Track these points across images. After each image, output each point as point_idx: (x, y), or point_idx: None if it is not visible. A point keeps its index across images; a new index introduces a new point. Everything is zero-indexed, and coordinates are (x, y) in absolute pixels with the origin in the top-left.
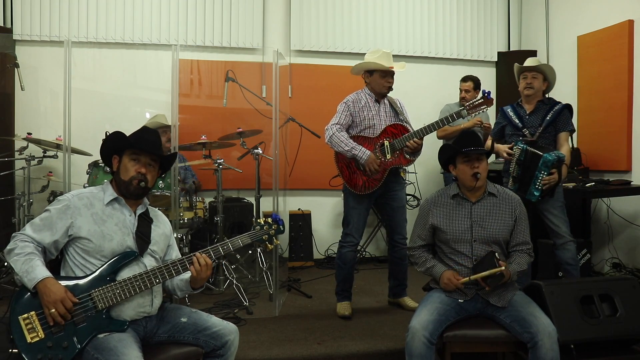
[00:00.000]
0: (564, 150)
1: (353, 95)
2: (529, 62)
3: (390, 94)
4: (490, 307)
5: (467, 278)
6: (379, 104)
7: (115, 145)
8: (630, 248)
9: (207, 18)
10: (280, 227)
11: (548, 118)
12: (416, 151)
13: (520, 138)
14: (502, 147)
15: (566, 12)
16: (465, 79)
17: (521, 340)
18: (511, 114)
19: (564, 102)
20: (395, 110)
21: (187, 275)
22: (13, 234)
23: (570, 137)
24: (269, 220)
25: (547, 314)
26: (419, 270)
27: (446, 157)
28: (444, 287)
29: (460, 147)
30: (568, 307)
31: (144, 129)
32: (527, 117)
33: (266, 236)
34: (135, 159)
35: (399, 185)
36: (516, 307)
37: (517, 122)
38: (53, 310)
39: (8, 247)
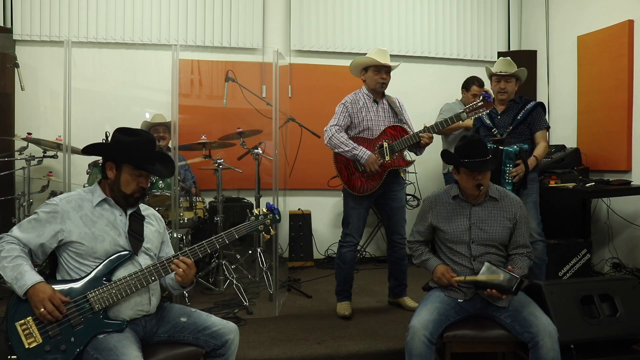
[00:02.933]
0: (541, 147)
1: (351, 95)
2: (501, 65)
3: (389, 93)
4: (491, 307)
5: (463, 277)
6: (377, 104)
7: (120, 156)
8: (630, 248)
9: (207, 18)
10: (276, 215)
11: (519, 117)
12: (424, 146)
13: (490, 139)
14: None
15: (566, 12)
16: (482, 84)
17: (521, 340)
18: (484, 115)
19: (564, 102)
20: (394, 110)
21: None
22: (0, 235)
23: (547, 133)
24: (264, 209)
25: (547, 314)
26: (415, 262)
27: (449, 162)
28: (437, 282)
29: (462, 156)
30: (568, 307)
31: (154, 151)
32: (498, 117)
33: (262, 226)
34: (139, 175)
35: (398, 185)
36: (516, 307)
37: (489, 122)
38: (42, 309)
39: None
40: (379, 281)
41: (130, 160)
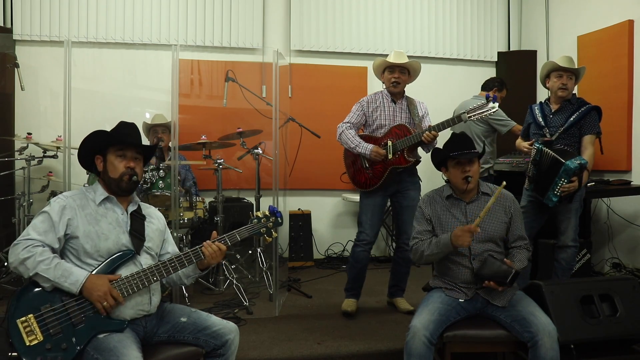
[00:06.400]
0: (588, 153)
1: (371, 95)
2: (564, 61)
3: (412, 96)
4: (491, 306)
5: (479, 218)
6: (395, 104)
7: (97, 144)
8: (630, 248)
9: (207, 18)
10: (278, 219)
11: (572, 119)
12: (428, 144)
13: (539, 138)
14: (523, 144)
15: (566, 12)
16: (501, 87)
17: (521, 340)
18: (537, 112)
19: None
20: (411, 111)
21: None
22: (15, 242)
23: (598, 140)
24: (266, 212)
25: (547, 314)
26: (426, 253)
27: (437, 160)
28: (461, 243)
29: (450, 150)
30: (568, 307)
31: (122, 123)
32: (551, 116)
33: (264, 229)
34: (122, 155)
35: (413, 185)
36: (516, 306)
37: (541, 120)
38: (105, 303)
39: (22, 257)
40: (379, 281)
41: (106, 139)
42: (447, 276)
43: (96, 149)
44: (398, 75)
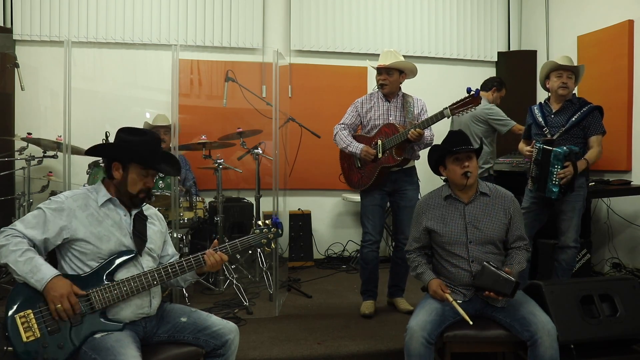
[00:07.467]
0: (594, 151)
1: (366, 96)
2: (563, 60)
3: (411, 93)
4: (490, 307)
5: (452, 300)
6: (390, 102)
7: (128, 155)
8: (630, 248)
9: (207, 18)
10: (279, 230)
11: (574, 119)
12: (414, 142)
13: (540, 139)
14: (525, 148)
15: (566, 12)
16: (500, 87)
17: (521, 340)
18: (537, 112)
19: None
20: (405, 109)
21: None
22: (1, 229)
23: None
24: (268, 222)
25: (547, 314)
26: (412, 274)
27: (436, 157)
28: (432, 296)
29: (449, 146)
30: (568, 307)
31: (161, 151)
32: (551, 116)
33: (265, 240)
34: (146, 174)
35: (411, 185)
36: (515, 306)
37: (541, 121)
38: (59, 305)
39: None
40: (379, 281)
41: (140, 159)
42: (446, 278)
43: (120, 157)
44: (384, 77)
